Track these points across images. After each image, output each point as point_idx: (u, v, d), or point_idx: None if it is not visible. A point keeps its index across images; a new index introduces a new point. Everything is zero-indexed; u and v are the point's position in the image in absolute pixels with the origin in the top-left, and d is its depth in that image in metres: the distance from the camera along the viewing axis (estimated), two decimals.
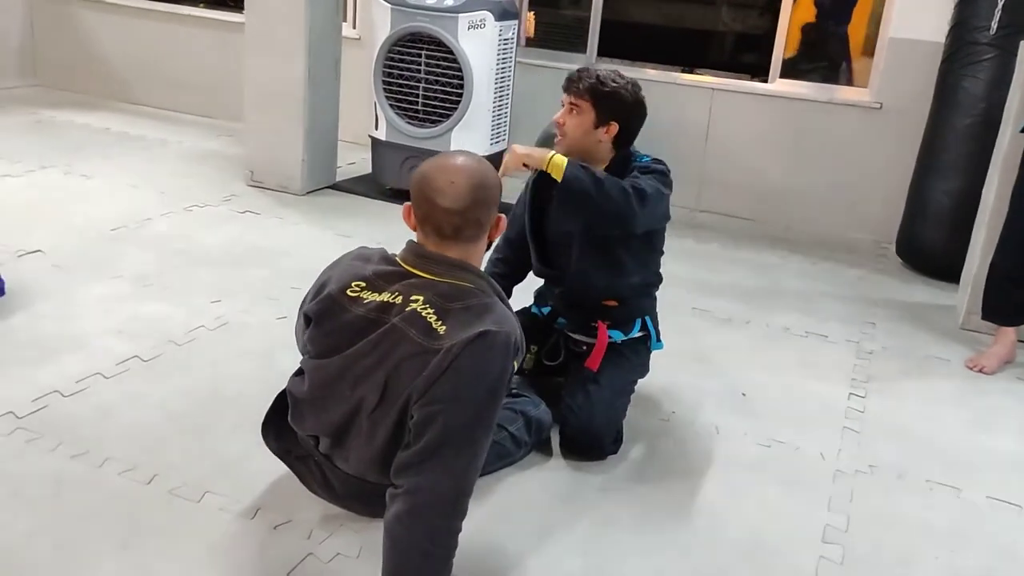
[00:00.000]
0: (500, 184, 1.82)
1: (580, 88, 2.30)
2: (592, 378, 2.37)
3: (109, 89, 6.14)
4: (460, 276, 1.74)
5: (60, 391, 2.38)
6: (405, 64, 4.26)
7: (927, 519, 2.19)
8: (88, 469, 2.07)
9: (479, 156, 1.84)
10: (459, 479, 1.61)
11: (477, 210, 1.74)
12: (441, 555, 1.61)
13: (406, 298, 1.70)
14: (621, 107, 2.32)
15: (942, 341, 3.32)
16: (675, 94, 4.74)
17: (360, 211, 4.31)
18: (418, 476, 1.60)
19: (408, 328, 1.66)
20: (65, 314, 2.85)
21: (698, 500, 2.19)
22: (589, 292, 2.44)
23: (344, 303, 1.76)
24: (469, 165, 1.77)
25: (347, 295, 1.77)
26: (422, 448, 1.60)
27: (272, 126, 4.38)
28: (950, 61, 3.94)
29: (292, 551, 1.86)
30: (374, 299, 1.74)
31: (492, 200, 1.77)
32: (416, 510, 1.58)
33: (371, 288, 1.76)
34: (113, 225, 3.70)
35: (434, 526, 1.60)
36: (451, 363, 1.60)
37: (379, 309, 1.72)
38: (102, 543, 1.83)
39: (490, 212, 1.77)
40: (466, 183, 1.72)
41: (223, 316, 2.94)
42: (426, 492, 1.59)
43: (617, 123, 2.32)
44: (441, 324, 1.65)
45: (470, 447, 1.62)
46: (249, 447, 2.16)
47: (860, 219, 4.56)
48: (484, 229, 1.78)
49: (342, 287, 1.78)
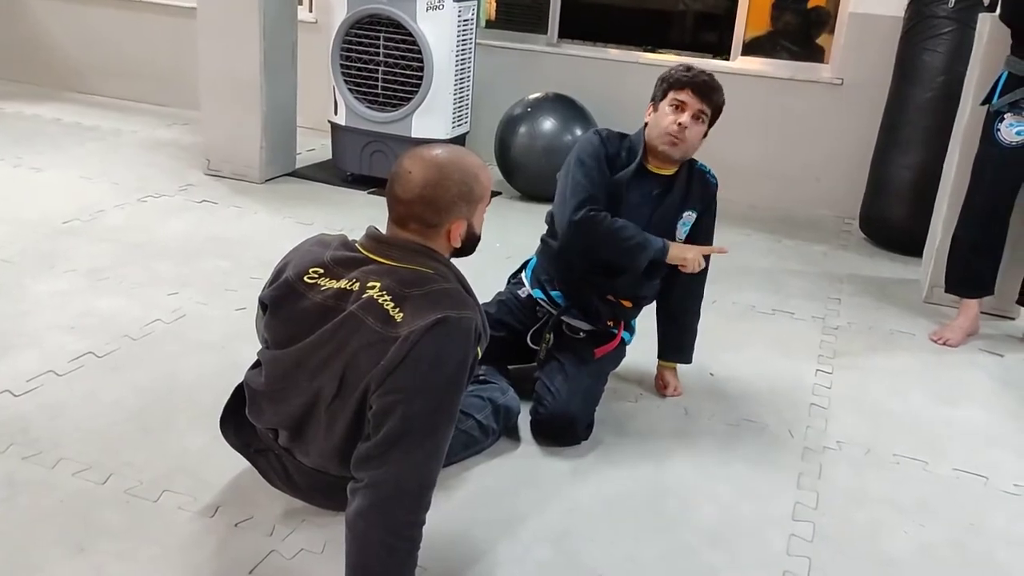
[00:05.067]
0: (466, 194, 1.69)
1: (715, 99, 2.30)
2: (572, 361, 2.35)
3: (60, 79, 5.97)
4: (419, 262, 1.69)
5: (11, 390, 2.30)
6: (363, 47, 4.18)
7: (895, 494, 2.20)
8: (41, 470, 2.00)
9: (465, 155, 1.75)
10: (421, 471, 1.57)
11: (421, 206, 1.66)
12: (405, 549, 1.57)
13: (363, 285, 1.65)
14: (718, 116, 2.36)
15: (907, 315, 3.34)
16: (637, 73, 4.70)
17: (321, 198, 4.23)
18: (379, 469, 1.55)
19: (365, 316, 1.61)
20: (16, 311, 2.76)
21: (667, 482, 2.17)
22: (635, 290, 2.44)
23: (301, 290, 1.71)
24: (437, 162, 1.68)
25: (304, 281, 1.72)
26: (382, 439, 1.56)
27: (229, 113, 4.27)
28: (909, 35, 3.95)
29: (254, 548, 1.81)
30: (331, 286, 1.69)
31: (443, 203, 1.67)
32: (378, 504, 1.54)
33: (329, 275, 1.71)
34: (65, 218, 3.59)
35: (397, 520, 1.55)
36: (409, 351, 1.55)
37: (336, 296, 1.67)
38: (57, 547, 1.77)
39: (439, 215, 1.68)
40: (421, 177, 1.66)
41: (180, 309, 2.87)
42: (388, 486, 1.54)
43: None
44: (399, 311, 1.60)
45: (431, 437, 1.58)
46: (208, 443, 2.10)
47: (824, 195, 4.58)
48: (432, 227, 1.69)
49: (299, 273, 1.73)
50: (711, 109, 2.31)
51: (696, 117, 2.29)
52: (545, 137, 4.24)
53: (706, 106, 2.30)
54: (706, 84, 2.30)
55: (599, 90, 4.64)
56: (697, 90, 2.29)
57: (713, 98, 2.30)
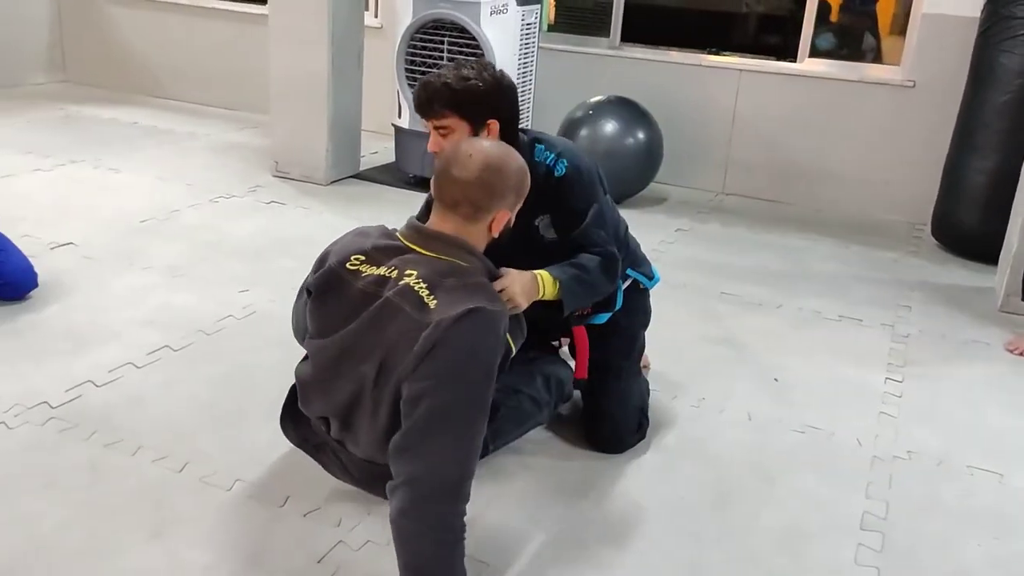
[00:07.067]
0: (519, 186, 1.77)
1: (436, 107, 1.94)
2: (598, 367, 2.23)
3: (137, 84, 6.19)
4: (457, 255, 1.72)
5: (93, 381, 2.40)
6: (428, 51, 4.23)
7: (968, 505, 2.14)
8: (122, 458, 2.09)
9: (517, 155, 1.80)
10: (456, 464, 1.56)
11: (478, 190, 1.70)
12: (451, 540, 1.58)
13: (401, 272, 1.68)
14: (487, 100, 1.96)
15: (980, 324, 3.24)
16: (700, 76, 4.68)
17: (384, 200, 4.30)
18: (413, 463, 1.56)
19: (402, 302, 1.64)
20: (97, 305, 2.88)
21: (730, 488, 2.15)
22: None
23: (344, 276, 1.74)
24: (496, 151, 1.76)
25: (347, 268, 1.75)
26: (412, 428, 1.57)
27: (296, 117, 4.38)
28: (985, 36, 3.84)
29: (322, 539, 1.86)
30: (372, 272, 1.72)
31: (498, 190, 1.73)
32: (417, 500, 1.55)
33: (370, 262, 1.74)
34: (142, 217, 3.73)
35: (438, 514, 1.56)
36: (440, 338, 1.56)
37: (376, 283, 1.70)
38: (135, 531, 1.84)
39: (492, 200, 1.73)
40: (481, 160, 1.71)
41: (251, 305, 2.95)
42: (423, 482, 1.55)
43: (495, 119, 1.98)
44: (433, 299, 1.62)
45: (464, 428, 1.57)
46: (278, 435, 2.15)
47: (893, 200, 4.48)
48: (482, 213, 1.73)
49: (342, 260, 1.77)
50: (444, 119, 1.94)
51: (441, 135, 1.96)
52: (606, 140, 4.24)
53: (435, 120, 1.95)
54: (418, 104, 1.97)
55: (661, 93, 4.62)
56: (419, 110, 1.98)
57: (433, 108, 1.94)
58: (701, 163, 4.80)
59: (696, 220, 4.31)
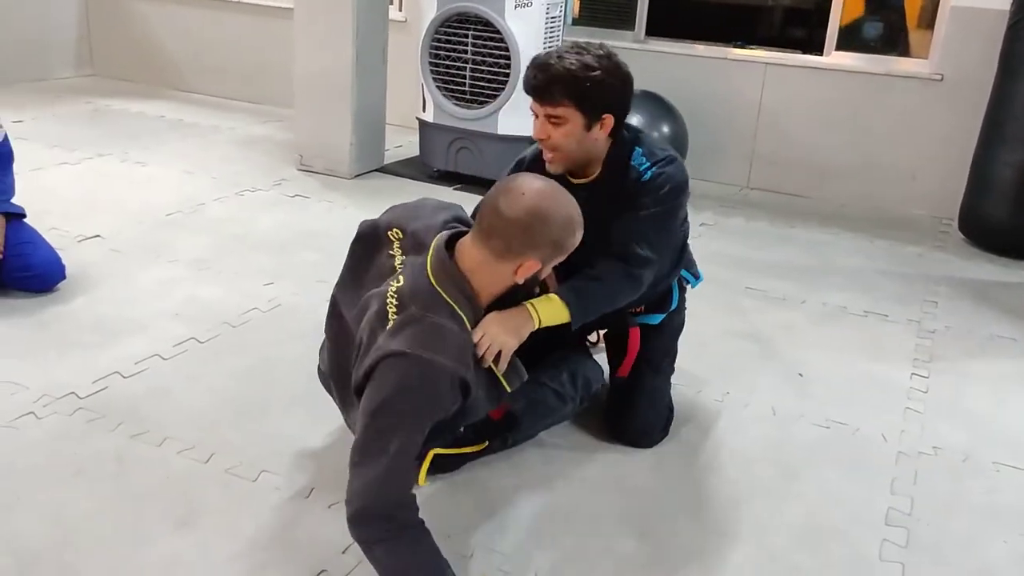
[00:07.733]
0: (559, 240, 1.65)
1: (556, 95, 1.85)
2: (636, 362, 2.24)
3: (163, 77, 6.25)
4: (451, 293, 1.63)
5: (120, 372, 2.43)
6: (452, 45, 4.24)
7: (994, 502, 2.12)
8: (149, 448, 2.11)
9: (574, 204, 1.68)
10: (377, 492, 1.54)
11: (516, 231, 1.61)
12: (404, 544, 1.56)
13: (397, 276, 1.67)
14: (611, 95, 1.89)
15: (1008, 320, 3.20)
16: (726, 70, 4.64)
17: (408, 194, 4.30)
18: (350, 483, 1.57)
19: (375, 303, 1.65)
20: (124, 297, 2.91)
21: (754, 483, 2.14)
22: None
23: (382, 238, 1.75)
24: (550, 197, 1.64)
25: (387, 236, 1.75)
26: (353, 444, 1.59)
27: (321, 111, 4.40)
28: (1015, 29, 3.78)
29: (346, 530, 1.86)
30: (395, 257, 1.72)
31: (536, 238, 1.63)
32: (353, 521, 1.56)
33: (401, 246, 1.74)
34: (168, 210, 3.77)
35: (377, 534, 1.55)
36: (371, 367, 1.56)
37: (388, 270, 1.71)
38: (162, 521, 1.87)
39: (525, 247, 1.63)
40: (530, 203, 1.61)
41: (276, 298, 2.98)
42: (352, 503, 1.56)
43: (611, 114, 1.92)
44: (393, 317, 1.59)
45: (383, 459, 1.53)
46: (303, 427, 2.18)
47: (919, 195, 4.43)
48: (511, 255, 1.64)
49: (389, 224, 1.77)
50: (559, 107, 1.86)
51: (547, 122, 1.89)
52: None
53: (549, 107, 1.86)
54: (534, 84, 1.87)
55: (687, 87, 4.59)
56: (535, 93, 1.89)
57: (552, 94, 1.84)
58: (726, 157, 4.77)
59: (720, 214, 4.29)
